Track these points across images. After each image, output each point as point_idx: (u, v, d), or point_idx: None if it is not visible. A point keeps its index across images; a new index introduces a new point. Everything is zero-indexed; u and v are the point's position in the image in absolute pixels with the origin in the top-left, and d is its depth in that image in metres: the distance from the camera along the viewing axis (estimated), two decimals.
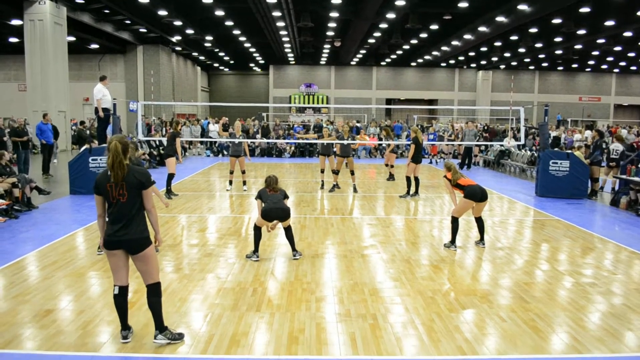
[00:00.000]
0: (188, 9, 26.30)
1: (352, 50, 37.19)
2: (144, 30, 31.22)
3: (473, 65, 45.15)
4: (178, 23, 28.09)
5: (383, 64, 44.92)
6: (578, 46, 33.44)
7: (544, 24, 26.51)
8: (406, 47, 35.82)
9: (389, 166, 16.32)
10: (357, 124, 28.07)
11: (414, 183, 12.85)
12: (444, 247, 8.06)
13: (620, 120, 44.56)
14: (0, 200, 9.65)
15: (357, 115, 37.62)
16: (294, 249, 7.41)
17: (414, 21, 25.46)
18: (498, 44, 33.50)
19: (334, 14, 25.38)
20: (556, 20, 25.35)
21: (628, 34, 28.34)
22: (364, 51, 38.42)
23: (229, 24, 28.24)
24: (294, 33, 30.17)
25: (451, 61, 42.74)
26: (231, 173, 13.41)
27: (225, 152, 24.15)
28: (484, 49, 35.58)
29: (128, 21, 28.91)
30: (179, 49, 37.99)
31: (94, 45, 33.60)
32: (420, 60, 42.57)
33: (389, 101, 46.53)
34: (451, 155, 23.63)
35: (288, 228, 7.38)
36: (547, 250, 8.16)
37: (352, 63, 44.73)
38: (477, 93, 46.52)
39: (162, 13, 25.61)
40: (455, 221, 8.02)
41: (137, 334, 4.78)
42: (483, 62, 43.02)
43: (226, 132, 15.22)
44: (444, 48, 35.07)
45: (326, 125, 25.82)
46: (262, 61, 45.48)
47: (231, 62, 46.58)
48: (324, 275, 6.64)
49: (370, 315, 5.29)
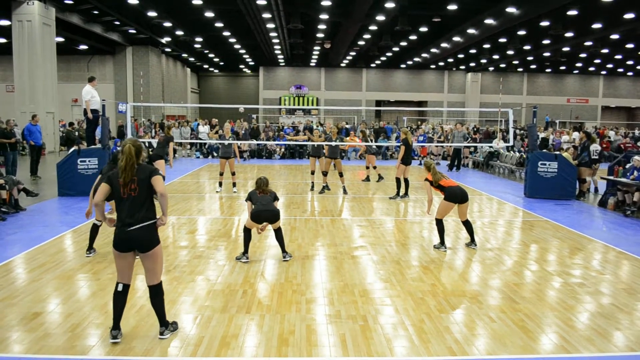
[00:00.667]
0: (178, 11, 26.21)
1: (342, 52, 37.25)
2: (134, 31, 31.08)
3: (462, 67, 45.40)
4: (168, 24, 28.02)
5: (373, 65, 45.03)
6: (566, 48, 33.74)
7: (532, 27, 26.71)
8: (396, 49, 35.93)
9: (369, 168, 16.29)
10: (347, 126, 28.10)
11: (403, 184, 12.87)
12: (433, 249, 8.05)
13: (608, 121, 44.99)
14: None
15: (347, 117, 37.67)
16: (284, 251, 7.40)
17: (403, 23, 25.53)
18: (487, 46, 33.72)
19: (324, 16, 25.41)
20: (544, 23, 25.56)
21: (615, 36, 28.63)
22: (353, 53, 38.51)
23: (219, 25, 28.18)
24: (284, 35, 30.17)
25: (440, 63, 42.94)
26: (221, 175, 13.37)
27: (215, 154, 24.09)
28: (473, 51, 35.80)
29: (117, 22, 28.76)
30: (168, 50, 37.86)
31: (83, 46, 33.40)
32: (409, 62, 42.72)
33: (378, 103, 46.64)
34: (440, 157, 23.72)
35: (278, 230, 7.35)
36: (536, 250, 8.21)
37: (342, 65, 44.79)
38: (466, 95, 46.77)
39: (152, 14, 25.54)
40: (439, 223, 8.03)
41: (127, 336, 4.74)
42: (472, 64, 43.26)
43: (216, 134, 15.20)
44: (434, 50, 35.23)
45: (317, 126, 25.83)
46: (252, 63, 45.44)
47: (221, 64, 46.49)
48: (314, 276, 6.63)
49: (360, 316, 5.30)
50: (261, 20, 25.76)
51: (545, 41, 31.06)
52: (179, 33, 30.71)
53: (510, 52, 34.76)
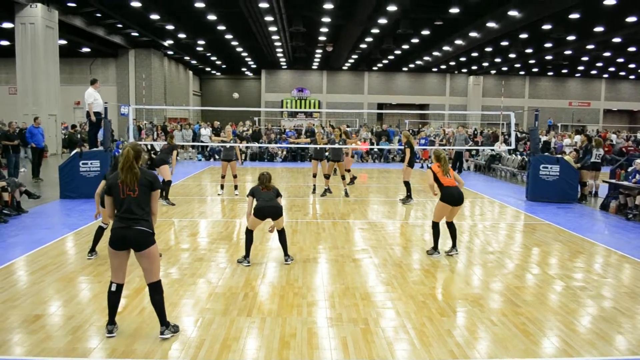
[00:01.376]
0: (180, 14, 26.25)
1: (344, 55, 37.27)
2: (136, 34, 31.15)
3: (464, 70, 45.39)
4: (170, 27, 28.04)
5: (375, 68, 45.03)
6: (568, 52, 33.70)
7: (534, 30, 26.69)
8: (398, 52, 35.92)
9: (349, 171, 15.94)
10: (348, 129, 28.09)
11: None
12: (426, 255, 7.80)
13: (610, 125, 44.91)
14: None
15: (349, 119, 37.67)
16: (286, 254, 7.37)
17: (405, 26, 25.54)
18: (489, 49, 33.69)
19: (326, 19, 25.43)
20: (546, 26, 25.52)
21: (617, 39, 28.58)
22: (355, 56, 38.50)
23: (221, 28, 28.22)
24: (286, 38, 30.20)
25: (442, 66, 42.93)
26: (223, 177, 13.38)
27: (216, 157, 24.11)
28: (475, 54, 35.77)
29: (120, 25, 28.83)
30: (170, 53, 37.93)
31: (86, 49, 33.48)
32: (411, 65, 42.71)
33: (380, 106, 46.63)
34: None
35: (282, 231, 7.33)
36: (538, 254, 8.20)
37: (344, 68, 44.80)
38: (468, 98, 46.75)
39: (154, 17, 25.56)
40: (436, 226, 7.76)
41: (128, 338, 4.75)
42: (474, 68, 43.25)
43: (218, 137, 15.21)
44: (435, 53, 35.23)
45: (319, 128, 25.83)
46: (254, 65, 45.47)
47: (223, 67, 46.54)
48: (316, 279, 6.63)
49: (361, 319, 5.29)
50: (263, 23, 25.80)
51: (547, 44, 31.03)
52: (182, 36, 30.74)
53: (512, 56, 34.74)
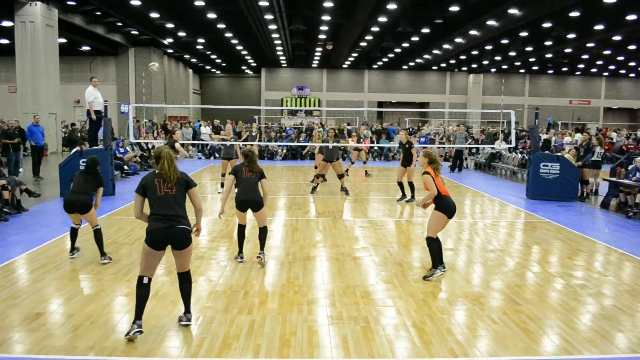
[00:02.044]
0: (180, 12, 26.22)
1: (344, 54, 37.23)
2: (136, 32, 31.11)
3: (464, 68, 45.34)
4: (170, 25, 28.02)
5: (375, 67, 44.99)
6: (568, 50, 33.67)
7: (534, 28, 26.66)
8: (398, 51, 35.88)
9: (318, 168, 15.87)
10: (348, 127, 28.08)
11: (408, 188, 12.61)
12: (424, 280, 6.49)
13: (610, 123, 44.90)
14: None
15: (349, 118, 37.65)
16: (262, 249, 7.08)
17: (405, 25, 25.52)
18: (489, 47, 33.67)
19: (326, 18, 25.40)
20: (546, 24, 25.52)
21: (617, 38, 28.56)
22: (355, 54, 38.46)
23: (221, 26, 28.19)
24: (286, 36, 30.18)
25: (442, 64, 42.88)
26: (223, 176, 13.39)
27: (216, 155, 24.10)
28: (475, 52, 35.74)
29: (120, 23, 28.79)
30: (170, 51, 37.88)
31: (86, 47, 33.44)
32: (411, 64, 42.67)
33: (380, 104, 46.61)
34: (442, 158, 23.72)
35: (264, 229, 7.13)
36: (538, 252, 8.21)
37: (344, 66, 44.77)
38: (468, 96, 46.71)
39: (154, 15, 25.54)
40: (433, 242, 6.59)
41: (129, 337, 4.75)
42: (474, 66, 43.21)
43: (218, 135, 15.20)
44: (435, 51, 35.20)
45: (319, 128, 25.82)
46: (254, 64, 45.43)
47: (223, 65, 46.49)
48: (316, 278, 6.63)
49: (362, 317, 5.29)
50: (263, 21, 25.78)
51: (548, 43, 31.00)
52: (182, 34, 30.71)
53: (512, 54, 34.69)
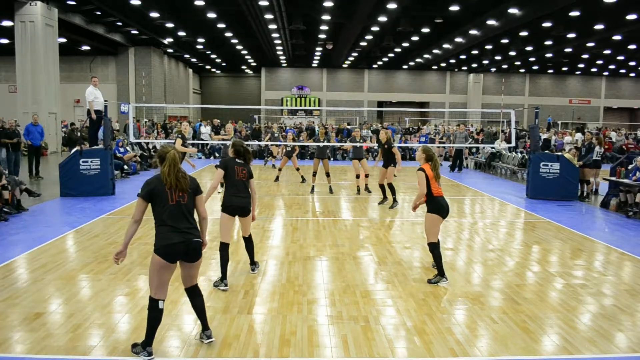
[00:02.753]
0: (180, 12, 26.24)
1: (344, 53, 37.24)
2: (136, 32, 31.11)
3: (464, 68, 45.34)
4: (170, 25, 28.03)
5: (375, 66, 45.00)
6: (568, 49, 33.67)
7: (534, 28, 26.67)
8: (398, 50, 35.89)
9: (299, 170, 15.80)
10: (348, 127, 28.10)
11: (388, 190, 11.87)
12: (429, 284, 6.36)
13: (610, 122, 44.89)
14: None
15: (349, 117, 37.65)
16: (252, 262, 6.66)
17: (405, 24, 25.52)
18: (489, 47, 33.68)
19: (326, 17, 25.40)
20: (546, 24, 25.53)
21: (617, 37, 28.56)
22: (355, 54, 38.47)
23: (221, 26, 28.19)
24: (286, 36, 30.17)
25: (442, 64, 42.88)
26: None
27: (216, 155, 24.09)
28: (475, 52, 35.74)
29: (120, 23, 28.79)
30: (170, 51, 37.89)
31: (86, 47, 33.44)
32: (411, 63, 42.68)
33: (380, 104, 46.62)
34: (442, 158, 23.72)
35: (249, 238, 6.53)
36: (538, 252, 8.20)
37: (344, 66, 44.78)
38: (469, 96, 46.71)
39: (154, 15, 25.55)
40: (436, 247, 6.37)
41: (129, 337, 4.75)
42: (474, 65, 43.21)
43: (218, 135, 15.19)
44: (436, 51, 35.21)
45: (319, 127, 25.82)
46: (254, 63, 45.44)
47: (223, 65, 46.51)
48: (316, 277, 6.63)
49: (362, 317, 5.29)
50: (263, 21, 25.77)
51: (548, 42, 31.02)
52: (181, 34, 30.72)
53: (512, 53, 34.70)
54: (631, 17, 23.38)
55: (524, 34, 28.50)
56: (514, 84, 47.23)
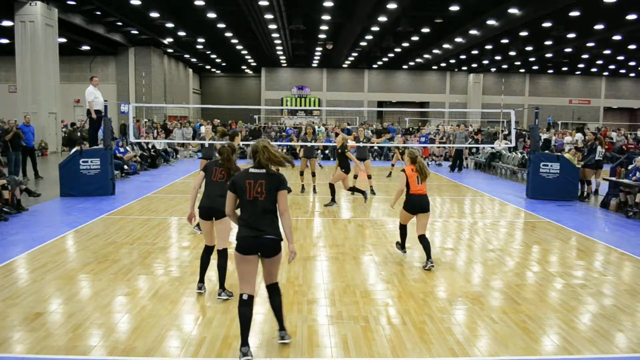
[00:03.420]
0: (180, 12, 26.23)
1: (344, 53, 37.22)
2: (136, 32, 31.10)
3: (464, 68, 45.33)
4: (170, 25, 28.01)
5: (375, 66, 44.99)
6: (568, 49, 33.67)
7: (534, 28, 26.67)
8: (398, 50, 35.88)
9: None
10: (348, 127, 28.08)
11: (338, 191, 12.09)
12: (396, 245, 7.74)
13: (610, 122, 44.87)
14: None
15: (349, 117, 37.64)
16: (222, 286, 5.80)
17: (405, 24, 25.51)
18: (489, 47, 33.68)
19: (326, 17, 25.40)
20: (546, 24, 25.52)
21: (617, 37, 28.56)
22: (355, 54, 38.46)
23: (221, 26, 28.18)
24: (286, 36, 30.17)
25: (442, 64, 42.88)
26: None
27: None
28: (475, 52, 35.74)
29: (120, 23, 28.77)
30: (170, 51, 37.87)
31: (85, 47, 33.42)
32: (411, 63, 42.67)
33: (380, 104, 46.61)
34: (442, 158, 23.72)
35: (223, 252, 5.78)
36: (538, 252, 8.20)
37: (344, 66, 44.76)
38: (469, 96, 46.71)
39: (154, 15, 25.53)
40: (402, 227, 7.57)
41: (128, 336, 4.75)
42: (474, 65, 43.21)
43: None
44: (436, 51, 35.20)
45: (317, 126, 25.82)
46: (254, 63, 45.43)
47: (223, 65, 46.50)
48: (316, 277, 6.63)
49: (362, 317, 5.29)
50: (263, 21, 25.76)
51: (548, 42, 31.01)
52: (181, 34, 30.71)
53: (512, 53, 34.69)
54: (631, 17, 23.37)
55: (524, 34, 28.49)
56: (514, 84, 47.22)
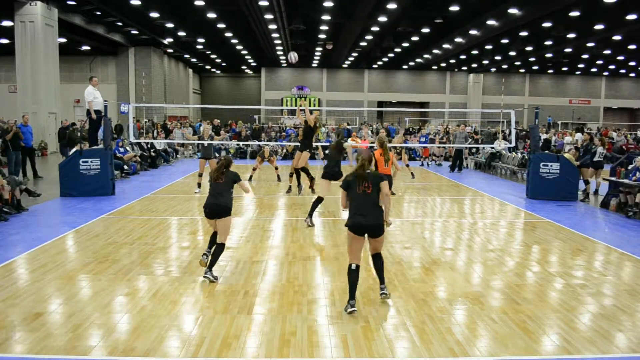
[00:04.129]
0: (180, 12, 26.21)
1: (344, 53, 37.23)
2: (136, 32, 31.11)
3: (464, 68, 45.33)
4: (170, 25, 28.02)
5: (375, 66, 44.99)
6: (568, 49, 33.66)
7: (534, 28, 26.67)
8: (398, 50, 35.88)
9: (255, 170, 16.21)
10: (348, 127, 28.11)
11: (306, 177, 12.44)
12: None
13: (610, 122, 44.89)
14: None
15: (349, 117, 37.65)
16: (210, 268, 6.30)
17: (405, 24, 25.50)
18: (489, 47, 33.68)
19: (326, 17, 25.40)
20: (546, 24, 25.52)
21: (617, 37, 28.56)
22: (355, 54, 38.45)
23: (221, 26, 28.18)
24: (286, 36, 30.17)
25: (442, 64, 42.87)
26: (200, 176, 13.44)
27: (217, 155, 24.05)
28: (475, 52, 35.75)
29: (120, 23, 28.78)
30: (170, 51, 37.89)
31: (85, 47, 33.44)
32: (411, 63, 42.66)
33: (380, 104, 46.61)
34: (442, 158, 23.71)
35: (220, 246, 6.39)
36: (538, 252, 8.20)
37: (344, 66, 44.76)
38: (468, 96, 46.71)
39: (154, 15, 25.54)
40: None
41: (128, 336, 4.75)
42: (474, 65, 43.20)
43: (218, 136, 15.27)
44: (436, 51, 35.19)
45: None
46: (254, 64, 45.43)
47: (223, 65, 46.50)
48: (316, 277, 6.63)
49: (362, 317, 5.29)
50: (263, 21, 25.77)
51: (548, 42, 31.01)
52: (181, 34, 30.71)
53: (512, 53, 34.70)
54: (631, 17, 23.37)
55: (524, 34, 28.48)
56: (514, 84, 47.22)
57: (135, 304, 5.55)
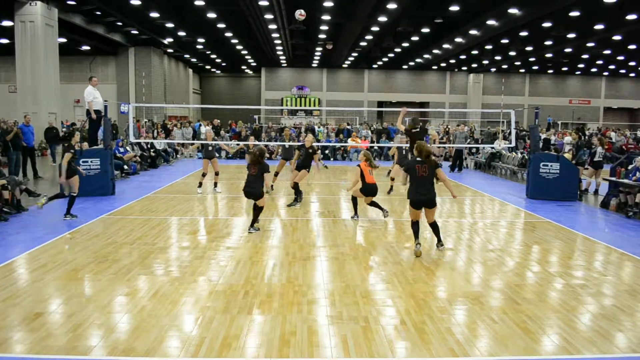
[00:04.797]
0: (180, 12, 26.22)
1: (344, 53, 37.21)
2: (136, 32, 31.09)
3: (464, 68, 45.29)
4: (170, 25, 28.02)
5: (375, 66, 44.96)
6: (568, 49, 33.65)
7: (534, 28, 26.66)
8: (398, 50, 35.87)
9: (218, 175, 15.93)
10: (348, 127, 28.11)
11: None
12: (351, 219, 10.32)
13: (610, 122, 44.86)
14: None
15: (349, 117, 37.63)
16: (252, 225, 8.92)
17: (405, 24, 25.50)
18: (489, 47, 33.67)
19: (326, 17, 25.39)
20: (546, 24, 25.51)
21: (617, 37, 28.55)
22: (355, 54, 38.43)
23: (221, 26, 28.18)
24: (286, 36, 30.16)
25: (442, 64, 42.83)
26: (203, 176, 13.50)
27: (217, 154, 24.04)
28: (475, 52, 35.73)
29: (120, 23, 28.77)
30: (170, 51, 37.87)
31: (85, 47, 33.42)
32: (411, 63, 42.64)
33: (380, 104, 46.59)
34: (442, 158, 23.72)
35: (258, 208, 8.86)
36: (538, 252, 8.20)
37: (344, 66, 44.73)
38: (468, 96, 46.68)
39: (154, 15, 25.53)
40: (355, 199, 10.40)
41: (128, 336, 4.75)
42: (474, 65, 43.17)
43: (218, 136, 15.31)
44: (436, 51, 35.18)
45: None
46: (254, 63, 45.41)
47: (223, 65, 46.49)
48: (316, 277, 6.63)
49: (362, 317, 5.29)
50: (263, 21, 25.75)
51: (548, 42, 30.99)
52: (181, 34, 30.70)
53: (512, 53, 34.68)
54: (631, 17, 23.36)
55: (524, 34, 28.47)
56: (514, 84, 47.20)
57: (135, 304, 5.55)
